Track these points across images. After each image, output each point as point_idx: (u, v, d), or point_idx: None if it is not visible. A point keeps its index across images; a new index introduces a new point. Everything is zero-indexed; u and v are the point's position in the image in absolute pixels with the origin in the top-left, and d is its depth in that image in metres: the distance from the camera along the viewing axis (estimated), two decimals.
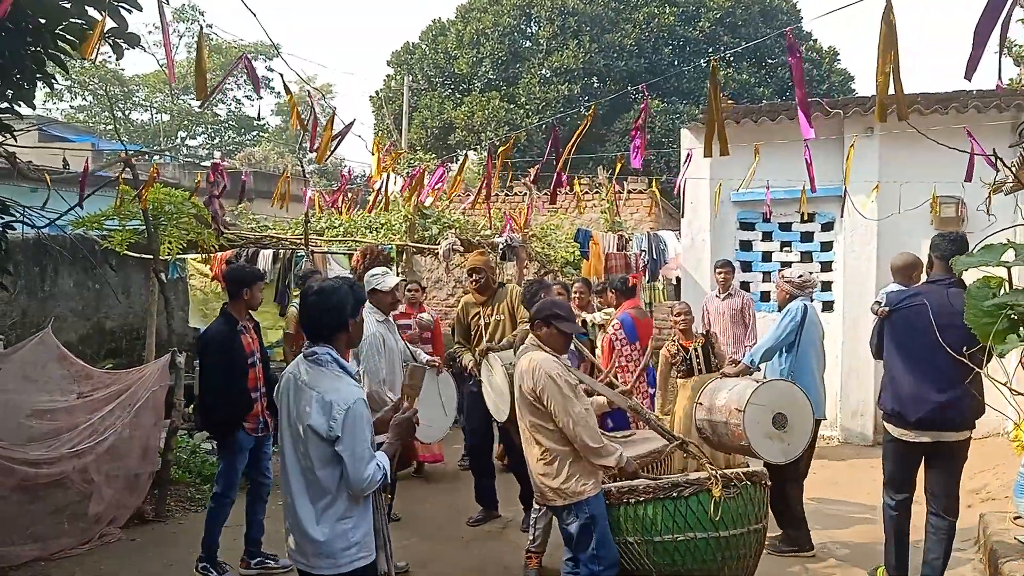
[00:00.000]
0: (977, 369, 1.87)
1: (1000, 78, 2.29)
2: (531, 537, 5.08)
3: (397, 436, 3.05)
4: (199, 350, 5.34)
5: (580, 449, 3.68)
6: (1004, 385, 1.75)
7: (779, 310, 5.79)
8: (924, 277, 4.76)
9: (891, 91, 2.75)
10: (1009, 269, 1.65)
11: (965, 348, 2.04)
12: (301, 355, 2.98)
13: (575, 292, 7.20)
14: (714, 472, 3.81)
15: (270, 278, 8.18)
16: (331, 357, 2.89)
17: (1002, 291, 1.66)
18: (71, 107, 34.43)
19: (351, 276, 6.39)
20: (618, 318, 6.50)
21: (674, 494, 3.76)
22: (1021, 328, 1.62)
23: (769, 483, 4.11)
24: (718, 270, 8.29)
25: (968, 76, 2.06)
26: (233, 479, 5.08)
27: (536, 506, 5.06)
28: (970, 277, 1.90)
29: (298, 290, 7.69)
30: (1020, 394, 1.86)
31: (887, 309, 4.50)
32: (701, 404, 5.25)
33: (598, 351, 6.70)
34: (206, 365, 5.17)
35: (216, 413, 5.07)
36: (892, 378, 4.44)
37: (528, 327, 4.94)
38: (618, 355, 6.37)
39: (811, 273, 5.83)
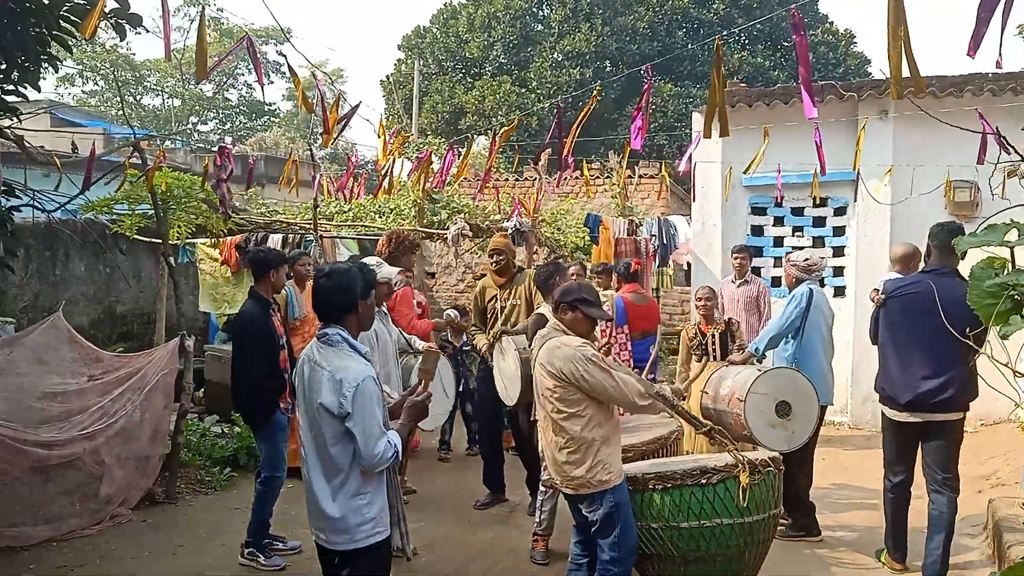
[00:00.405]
0: (980, 352, 1.84)
1: (1001, 56, 2.23)
2: (537, 520, 5.09)
3: (410, 418, 3.12)
4: (235, 332, 5.22)
5: (629, 408, 3.76)
6: (1006, 367, 1.72)
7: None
8: (922, 266, 4.90)
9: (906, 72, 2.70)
10: (1012, 249, 1.63)
11: (969, 329, 2.01)
12: (315, 337, 3.05)
13: (571, 276, 7.19)
14: (741, 459, 3.78)
15: None
16: (341, 337, 2.96)
17: (1005, 271, 1.63)
18: (83, 92, 34.57)
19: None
20: (612, 300, 6.47)
21: (702, 481, 3.74)
22: None
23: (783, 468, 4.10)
24: (735, 255, 8.04)
25: (971, 54, 2.02)
26: (280, 459, 5.09)
27: (542, 489, 5.07)
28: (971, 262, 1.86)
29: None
30: (1023, 375, 1.83)
31: (883, 296, 4.65)
32: (707, 393, 5.22)
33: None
34: (244, 347, 5.08)
35: (256, 395, 5.03)
36: (885, 362, 4.62)
37: (545, 312, 4.92)
38: (603, 334, 6.34)
39: (821, 258, 5.78)
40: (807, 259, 5.61)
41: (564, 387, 3.66)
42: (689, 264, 10.82)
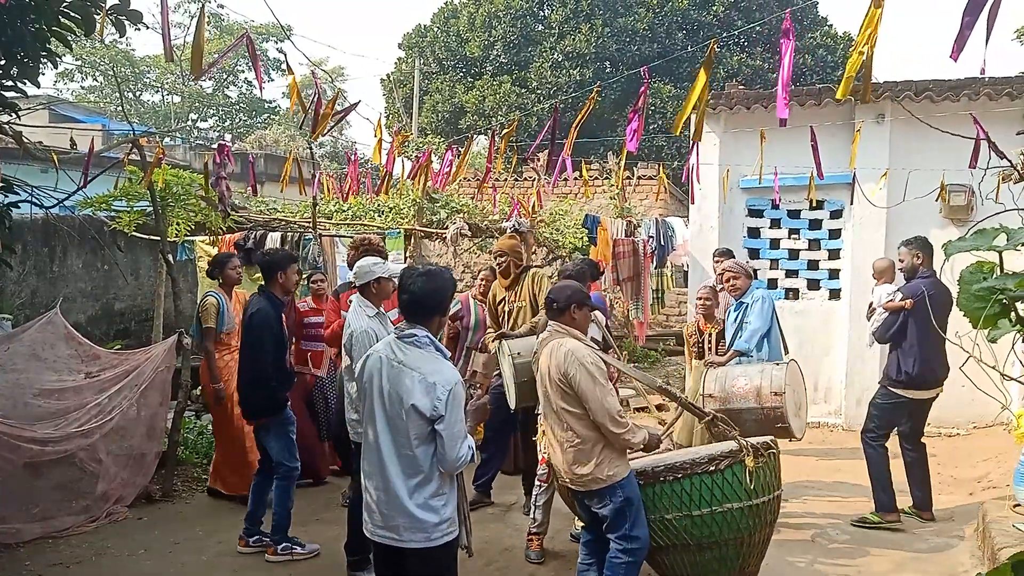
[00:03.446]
0: (971, 355, 1.86)
1: (985, 62, 2.26)
2: (532, 519, 5.09)
3: (475, 420, 3.25)
4: (250, 330, 5.10)
5: (606, 434, 3.70)
6: (994, 369, 1.74)
7: (735, 298, 6.07)
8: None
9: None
10: (1000, 253, 1.65)
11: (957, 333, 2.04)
12: (394, 336, 3.12)
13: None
14: (745, 443, 3.91)
15: None
16: (429, 340, 3.06)
17: (994, 275, 1.65)
18: (82, 87, 34.56)
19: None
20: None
21: (711, 468, 3.86)
22: (1012, 313, 1.61)
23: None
24: (716, 259, 7.90)
25: (954, 57, 2.05)
26: (295, 448, 5.18)
27: (537, 485, 5.08)
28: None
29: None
30: (1012, 379, 1.85)
31: (912, 300, 5.45)
32: (712, 396, 5.23)
33: None
34: (262, 345, 5.01)
35: (275, 390, 5.09)
36: (921, 353, 5.47)
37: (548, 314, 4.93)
38: None
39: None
40: (746, 263, 6.29)
41: (565, 385, 3.72)
42: (687, 265, 10.83)
